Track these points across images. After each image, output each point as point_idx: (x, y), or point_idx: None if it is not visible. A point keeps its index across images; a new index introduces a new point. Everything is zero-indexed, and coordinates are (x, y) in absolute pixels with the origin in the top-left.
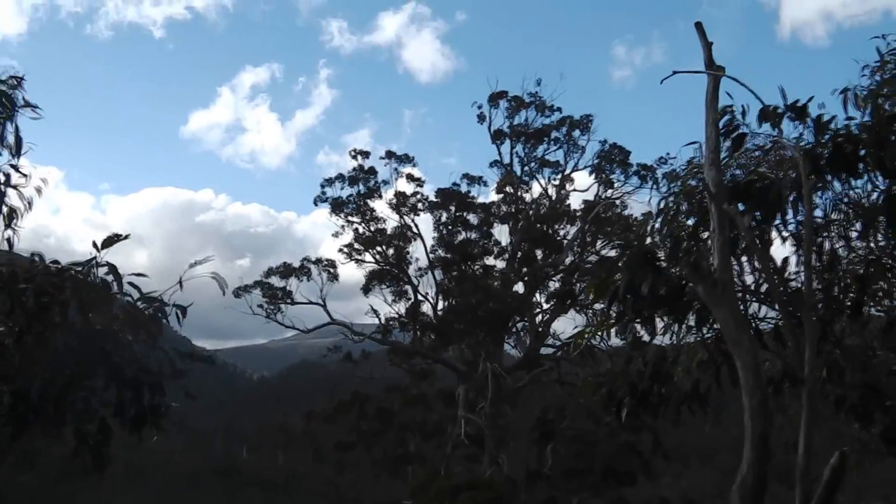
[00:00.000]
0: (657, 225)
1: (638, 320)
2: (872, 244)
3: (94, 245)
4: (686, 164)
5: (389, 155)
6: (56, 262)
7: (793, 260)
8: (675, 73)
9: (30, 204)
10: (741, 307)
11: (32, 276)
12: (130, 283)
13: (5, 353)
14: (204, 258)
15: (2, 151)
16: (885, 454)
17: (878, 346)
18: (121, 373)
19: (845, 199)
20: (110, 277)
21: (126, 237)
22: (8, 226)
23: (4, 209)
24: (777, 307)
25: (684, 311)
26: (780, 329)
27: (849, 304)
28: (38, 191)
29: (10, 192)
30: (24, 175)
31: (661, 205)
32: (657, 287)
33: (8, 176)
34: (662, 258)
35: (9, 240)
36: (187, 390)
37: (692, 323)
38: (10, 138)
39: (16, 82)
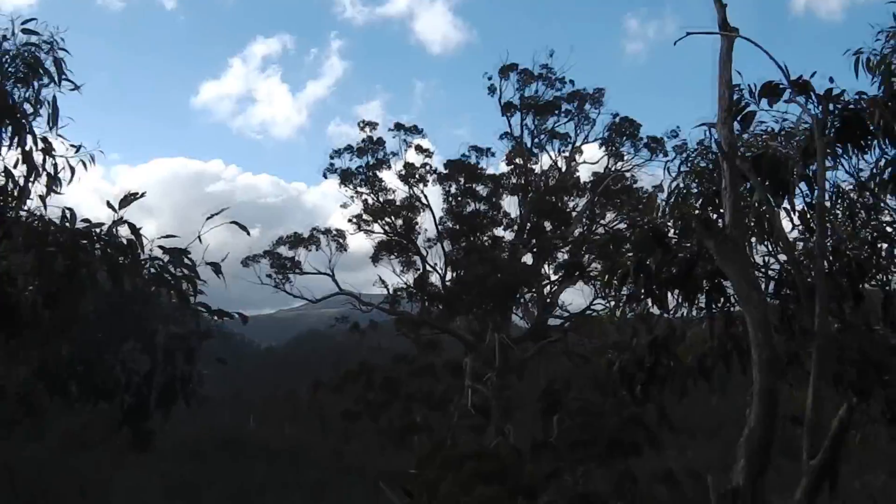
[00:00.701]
0: (667, 208)
1: (649, 299)
2: (880, 221)
3: (110, 205)
4: (696, 147)
5: (398, 127)
6: (86, 220)
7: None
8: (688, 34)
9: (73, 171)
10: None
11: (61, 238)
12: (160, 247)
13: (36, 316)
14: (220, 209)
15: (39, 118)
16: (886, 430)
17: (877, 323)
18: (153, 339)
19: (853, 178)
20: (133, 238)
21: (142, 195)
22: (49, 192)
23: (44, 177)
24: (788, 264)
25: (694, 290)
26: (791, 282)
27: (851, 287)
28: (84, 163)
29: (48, 160)
30: (74, 146)
31: (672, 186)
32: (666, 265)
33: (49, 144)
34: (671, 236)
35: (43, 200)
36: (219, 357)
37: (703, 304)
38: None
39: (51, 47)
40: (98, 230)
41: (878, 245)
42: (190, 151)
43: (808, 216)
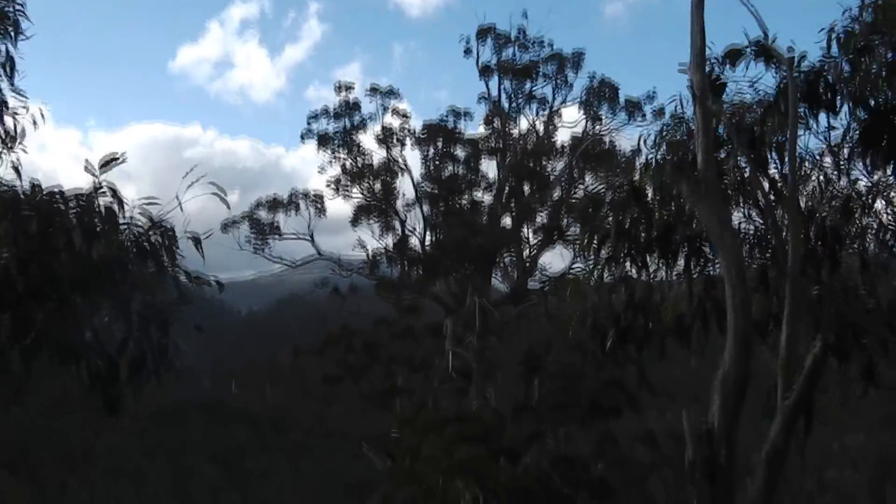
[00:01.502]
0: (645, 172)
1: (629, 262)
2: (850, 183)
3: (88, 168)
4: (671, 120)
5: (374, 90)
6: (59, 187)
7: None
8: None
9: (24, 132)
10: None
11: (36, 203)
12: (140, 213)
13: (9, 280)
14: (198, 177)
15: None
16: (864, 390)
17: (856, 286)
18: (128, 307)
19: (825, 140)
20: (114, 204)
21: (123, 159)
22: (9, 149)
23: (1, 131)
24: (762, 206)
25: (674, 252)
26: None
27: (827, 253)
28: (34, 122)
29: (7, 117)
30: (25, 98)
31: (648, 157)
32: (646, 227)
33: (3, 101)
34: (651, 200)
35: (15, 167)
36: (196, 324)
37: (682, 268)
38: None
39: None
40: (75, 195)
41: (853, 210)
42: (168, 116)
43: (782, 185)
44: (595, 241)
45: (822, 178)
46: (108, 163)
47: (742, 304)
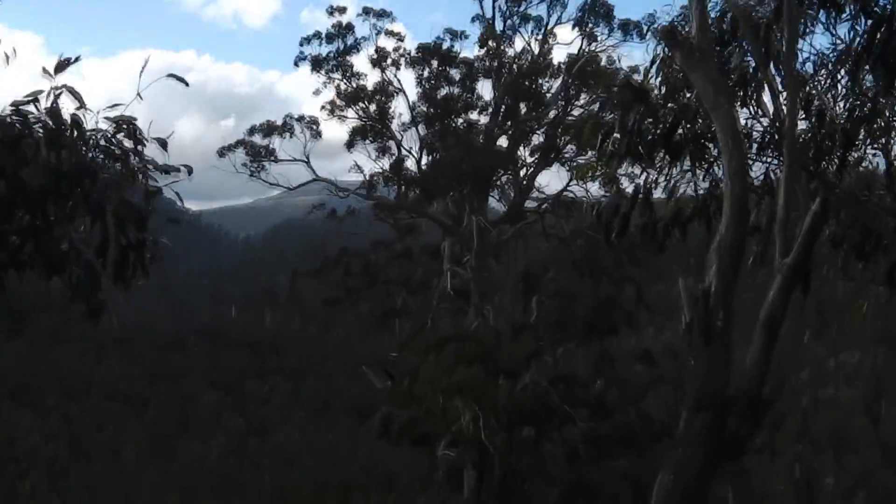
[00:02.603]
0: (651, 69)
1: (633, 158)
2: (858, 90)
3: (46, 71)
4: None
5: (367, 11)
6: (21, 100)
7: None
8: None
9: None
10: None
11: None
12: (106, 118)
13: None
14: (145, 62)
15: None
16: (890, 295)
17: (873, 189)
18: (102, 210)
19: (831, 48)
20: (79, 108)
21: (77, 60)
22: None
23: None
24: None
25: (678, 150)
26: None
27: (837, 154)
28: (7, 57)
29: None
30: None
31: (656, 51)
32: (650, 124)
33: None
34: (655, 98)
35: None
36: (171, 217)
37: (687, 168)
38: None
39: None
40: (38, 103)
41: (860, 113)
42: (161, 43)
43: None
44: (600, 135)
45: (829, 80)
46: (63, 65)
47: (738, 170)
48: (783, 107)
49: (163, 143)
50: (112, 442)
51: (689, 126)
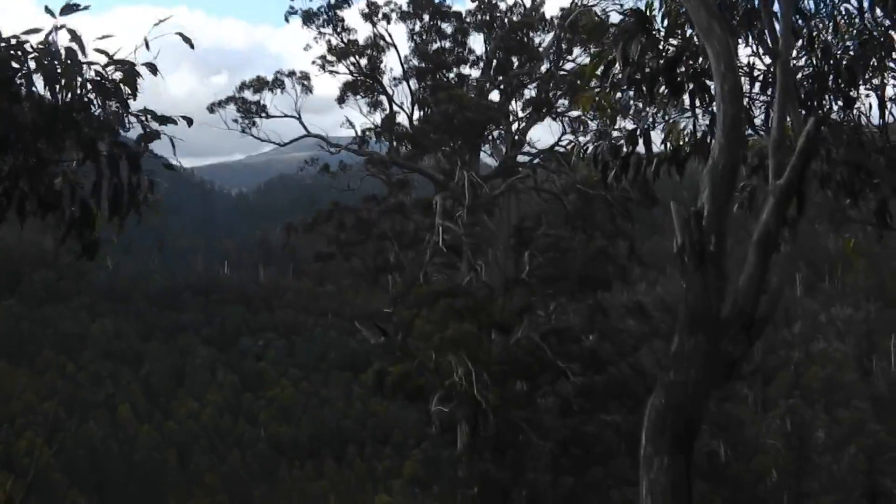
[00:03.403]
0: (655, 4)
1: (633, 90)
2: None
3: (48, 10)
4: None
5: None
6: (15, 36)
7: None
8: None
9: None
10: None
11: None
12: (97, 50)
13: None
14: (166, 17)
15: None
16: (879, 235)
17: (867, 126)
18: (95, 147)
19: None
20: (74, 45)
21: (86, 7)
22: None
23: None
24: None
25: (679, 86)
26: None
27: (840, 90)
28: None
29: None
30: None
31: None
32: (651, 56)
33: None
34: (657, 30)
35: None
36: (166, 163)
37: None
38: None
39: None
40: (33, 44)
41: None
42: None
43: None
44: (602, 66)
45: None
46: (70, 8)
47: (731, 91)
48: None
49: (153, 69)
50: (108, 399)
51: (690, 63)
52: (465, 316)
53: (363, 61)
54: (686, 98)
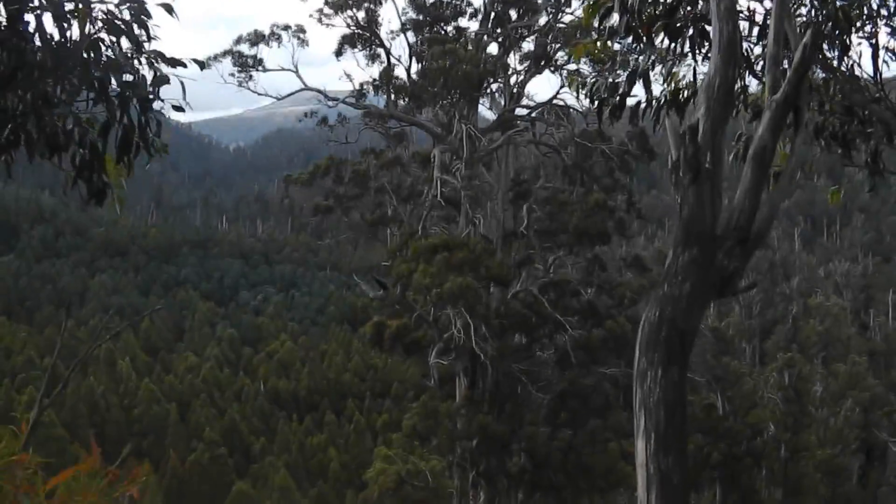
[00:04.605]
0: None
1: (632, 36)
2: None
3: None
4: None
5: None
6: None
7: None
8: None
9: None
10: None
11: None
12: None
13: None
14: None
15: None
16: (872, 184)
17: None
18: (106, 88)
19: None
20: None
21: None
22: None
23: None
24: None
25: (679, 32)
26: None
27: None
28: None
29: None
30: None
31: None
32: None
33: None
34: None
35: None
36: (175, 105)
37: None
38: None
39: None
40: None
41: None
42: None
43: None
44: (599, 11)
45: None
46: None
47: (727, 10)
48: None
49: (168, 9)
50: (108, 353)
51: (689, 8)
52: (464, 269)
53: (360, 14)
54: (686, 45)
